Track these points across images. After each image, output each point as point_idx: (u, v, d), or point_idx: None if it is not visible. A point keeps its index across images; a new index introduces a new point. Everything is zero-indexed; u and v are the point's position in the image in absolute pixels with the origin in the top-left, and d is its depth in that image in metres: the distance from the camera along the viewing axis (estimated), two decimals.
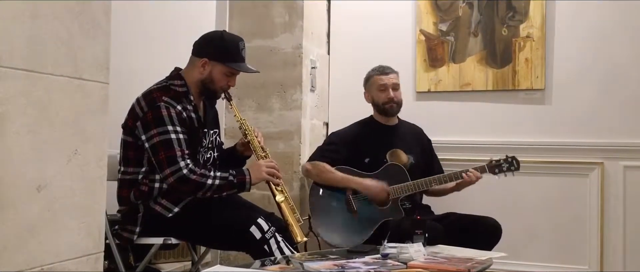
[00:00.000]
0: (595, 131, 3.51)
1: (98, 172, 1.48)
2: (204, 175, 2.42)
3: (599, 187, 3.47)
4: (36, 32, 1.29)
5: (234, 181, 2.48)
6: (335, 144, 3.20)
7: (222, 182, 2.46)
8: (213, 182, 2.43)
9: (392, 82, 3.22)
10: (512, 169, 3.07)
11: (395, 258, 2.25)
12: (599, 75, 3.51)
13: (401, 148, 3.18)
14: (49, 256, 1.35)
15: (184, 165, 2.39)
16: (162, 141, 2.39)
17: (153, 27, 3.37)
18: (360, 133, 3.23)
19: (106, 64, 1.49)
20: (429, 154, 3.34)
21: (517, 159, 3.09)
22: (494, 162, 3.09)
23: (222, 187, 2.46)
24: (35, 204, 1.30)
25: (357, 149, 3.16)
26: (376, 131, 3.23)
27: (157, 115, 2.41)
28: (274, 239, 2.42)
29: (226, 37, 2.61)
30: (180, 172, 2.38)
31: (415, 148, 3.25)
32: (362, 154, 3.15)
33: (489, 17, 3.70)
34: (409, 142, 3.24)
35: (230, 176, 2.48)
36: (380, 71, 3.24)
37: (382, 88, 3.21)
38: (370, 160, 3.13)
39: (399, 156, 3.16)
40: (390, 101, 3.20)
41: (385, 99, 3.21)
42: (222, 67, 2.55)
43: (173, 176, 2.39)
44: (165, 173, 2.40)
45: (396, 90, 3.22)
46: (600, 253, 3.46)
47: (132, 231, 2.49)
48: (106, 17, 1.48)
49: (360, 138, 3.20)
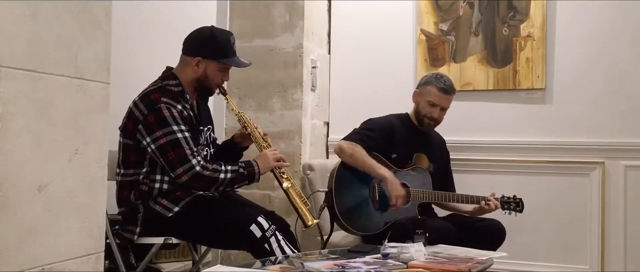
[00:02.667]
0: (596, 131, 3.51)
1: (99, 172, 1.48)
2: (216, 170, 2.44)
3: (600, 187, 3.47)
4: (37, 32, 1.29)
5: (245, 173, 2.51)
6: (373, 131, 3.15)
7: (234, 175, 2.48)
8: (225, 176, 2.46)
9: (446, 105, 3.16)
10: (517, 210, 3.09)
11: (395, 258, 2.25)
12: (600, 75, 3.51)
13: (427, 154, 3.18)
14: (49, 255, 1.35)
15: (196, 162, 2.40)
16: (170, 141, 2.39)
17: (154, 28, 3.37)
18: (396, 127, 3.19)
19: (107, 64, 1.49)
20: (446, 167, 3.34)
21: (523, 202, 3.10)
22: (505, 198, 3.10)
23: (234, 180, 2.49)
24: (36, 204, 1.31)
25: (390, 141, 3.13)
26: (410, 131, 3.20)
27: (160, 117, 2.41)
28: (275, 238, 2.43)
29: (216, 33, 2.59)
30: (193, 169, 2.39)
31: (438, 158, 3.24)
32: (391, 148, 3.12)
33: (489, 16, 3.70)
34: (435, 151, 3.24)
35: (240, 168, 2.50)
36: (441, 87, 3.12)
37: (433, 104, 3.13)
38: (397, 156, 3.12)
39: (423, 160, 3.16)
40: (432, 119, 3.16)
41: (429, 115, 3.15)
42: (216, 64, 2.55)
43: (187, 174, 2.39)
44: (178, 172, 2.40)
45: (443, 111, 3.17)
46: (601, 253, 3.46)
47: (133, 231, 2.49)
48: (107, 18, 1.49)
49: (395, 132, 3.17)
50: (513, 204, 3.10)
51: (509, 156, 3.64)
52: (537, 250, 3.57)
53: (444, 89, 3.12)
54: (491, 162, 3.65)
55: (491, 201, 3.06)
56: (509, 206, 3.11)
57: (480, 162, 3.66)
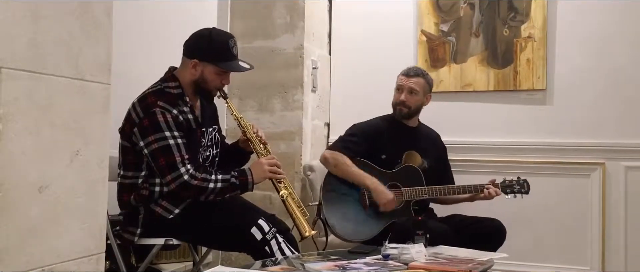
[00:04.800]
0: (597, 132, 3.51)
1: (99, 173, 1.48)
2: (205, 179, 2.41)
3: (601, 188, 3.47)
4: (38, 33, 1.29)
5: (236, 183, 2.47)
6: (357, 136, 3.16)
7: (224, 184, 2.44)
8: (215, 185, 2.42)
9: (409, 86, 3.15)
10: (523, 191, 3.07)
11: (396, 259, 2.25)
12: (601, 76, 3.51)
13: (418, 151, 3.18)
14: (50, 256, 1.35)
15: (184, 171, 2.38)
16: (161, 148, 2.38)
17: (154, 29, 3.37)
18: (381, 129, 3.20)
19: (108, 65, 1.49)
20: (443, 161, 3.33)
21: (528, 183, 3.09)
22: (507, 182, 3.09)
23: (224, 190, 2.45)
24: (37, 205, 1.31)
25: (376, 144, 3.14)
26: (397, 130, 3.21)
27: (154, 122, 2.39)
28: (275, 240, 2.42)
29: (215, 36, 2.55)
30: (181, 178, 2.37)
31: (431, 153, 3.23)
32: (380, 150, 3.12)
33: (490, 17, 3.70)
34: (426, 147, 3.23)
35: (232, 178, 2.46)
36: (404, 72, 3.20)
37: (398, 88, 3.18)
38: (386, 157, 3.12)
39: (415, 158, 3.15)
40: (400, 103, 3.16)
41: (396, 100, 3.18)
42: (213, 68, 2.51)
43: (175, 182, 2.38)
44: (167, 179, 2.39)
45: (411, 93, 3.15)
46: (602, 253, 3.46)
47: (133, 232, 2.48)
48: (108, 18, 1.49)
49: (381, 134, 3.18)
50: (517, 187, 3.08)
51: (510, 157, 3.63)
52: (537, 251, 3.56)
53: (406, 71, 3.20)
54: (492, 163, 3.65)
55: (490, 189, 3.05)
56: (513, 189, 3.08)
57: (480, 163, 3.65)
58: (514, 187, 3.08)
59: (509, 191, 3.08)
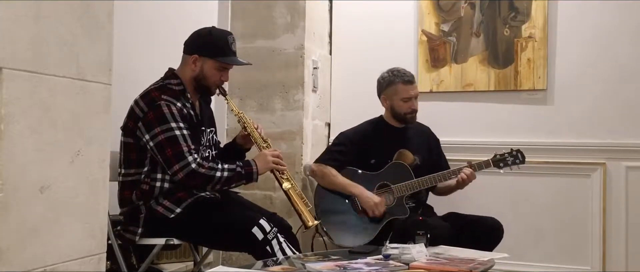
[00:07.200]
0: (598, 132, 3.51)
1: (101, 173, 1.48)
2: (212, 168, 2.44)
3: (602, 188, 3.47)
4: (39, 33, 1.29)
5: (242, 172, 2.50)
6: (343, 145, 3.19)
7: (231, 173, 2.48)
8: (221, 174, 2.45)
9: (416, 93, 3.16)
10: (517, 162, 3.04)
11: (397, 259, 2.25)
12: (601, 76, 3.51)
13: (410, 148, 3.18)
14: (51, 256, 1.35)
15: (192, 159, 2.40)
16: (168, 138, 2.40)
17: (155, 29, 3.37)
18: (369, 134, 3.21)
19: (109, 65, 1.49)
20: (436, 154, 3.33)
21: (522, 153, 3.07)
22: (498, 157, 3.08)
23: (230, 178, 2.48)
24: (38, 205, 1.31)
25: (365, 149, 3.16)
26: (385, 133, 3.21)
27: (159, 114, 2.41)
28: (276, 240, 2.42)
29: (214, 32, 2.62)
30: (189, 166, 2.39)
31: (423, 148, 3.24)
32: (369, 155, 3.14)
33: (491, 17, 3.70)
34: (417, 143, 3.23)
35: (237, 167, 2.50)
36: (405, 80, 3.14)
37: (406, 99, 3.14)
38: (376, 161, 3.13)
39: (406, 155, 3.16)
40: (413, 112, 3.16)
41: (409, 110, 3.15)
42: (213, 62, 2.56)
43: (182, 171, 2.40)
44: (174, 169, 2.40)
45: (417, 99, 3.17)
46: (603, 253, 3.46)
47: (134, 232, 2.49)
48: (109, 19, 1.49)
49: (369, 139, 3.19)
50: (510, 159, 3.05)
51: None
52: (538, 250, 3.56)
53: (408, 81, 3.17)
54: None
55: (462, 173, 3.03)
56: (506, 162, 3.05)
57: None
58: (507, 159, 3.05)
59: (503, 165, 3.05)
